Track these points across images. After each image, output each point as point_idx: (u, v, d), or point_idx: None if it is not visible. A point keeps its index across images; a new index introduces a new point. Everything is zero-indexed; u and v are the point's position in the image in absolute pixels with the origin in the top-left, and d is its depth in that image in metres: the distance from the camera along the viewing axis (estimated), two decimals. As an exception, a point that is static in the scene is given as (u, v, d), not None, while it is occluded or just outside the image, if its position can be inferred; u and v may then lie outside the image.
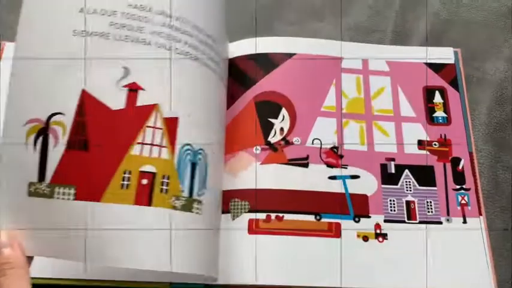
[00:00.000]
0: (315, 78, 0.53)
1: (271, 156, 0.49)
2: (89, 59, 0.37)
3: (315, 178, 0.48)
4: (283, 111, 0.51)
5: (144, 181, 0.37)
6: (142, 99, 0.38)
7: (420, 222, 0.47)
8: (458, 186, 0.49)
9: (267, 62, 0.53)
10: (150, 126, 0.38)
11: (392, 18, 0.60)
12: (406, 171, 0.50)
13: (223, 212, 0.47)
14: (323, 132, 0.50)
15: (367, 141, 0.51)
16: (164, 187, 0.37)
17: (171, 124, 0.39)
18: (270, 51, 0.54)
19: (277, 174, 0.48)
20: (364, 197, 0.48)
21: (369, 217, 0.47)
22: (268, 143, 0.50)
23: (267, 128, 0.50)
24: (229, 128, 0.51)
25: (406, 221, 0.48)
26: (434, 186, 0.49)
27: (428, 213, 0.48)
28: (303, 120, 0.51)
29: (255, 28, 0.58)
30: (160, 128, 0.38)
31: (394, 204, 0.48)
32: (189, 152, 0.39)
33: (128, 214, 0.36)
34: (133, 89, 0.38)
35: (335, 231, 0.47)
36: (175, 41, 0.40)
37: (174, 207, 0.37)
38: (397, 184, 0.49)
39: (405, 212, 0.48)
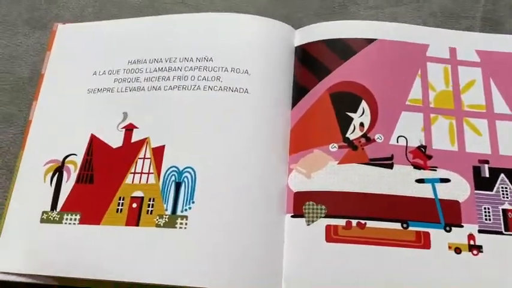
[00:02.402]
0: (399, 68, 0.47)
1: (350, 155, 0.44)
2: (98, 109, 0.48)
3: (401, 181, 0.43)
4: (363, 104, 0.46)
5: (134, 205, 0.43)
6: (136, 136, 0.46)
7: (519, 234, 0.42)
8: (562, 194, 0.43)
9: (343, 49, 0.48)
10: (141, 158, 0.45)
11: (481, 3, 0.54)
12: (502, 175, 0.44)
13: (295, 216, 0.42)
14: (409, 128, 0.45)
15: (458, 140, 0.45)
16: (150, 208, 0.43)
17: (158, 152, 0.45)
18: (347, 37, 0.48)
19: (358, 176, 0.43)
20: (456, 204, 0.43)
21: (461, 226, 0.42)
22: (347, 140, 0.45)
23: (345, 123, 0.45)
24: (301, 123, 0.46)
25: (504, 232, 0.42)
26: (535, 193, 0.43)
27: (529, 224, 0.42)
28: (385, 114, 0.45)
29: (329, 11, 0.53)
30: (149, 158, 0.45)
31: (489, 212, 0.43)
32: (174, 173, 0.44)
33: (120, 234, 0.42)
34: (129, 129, 0.46)
35: (424, 242, 0.41)
36: (164, 80, 0.48)
37: (158, 225, 0.42)
38: (491, 190, 0.43)
39: (502, 222, 0.42)
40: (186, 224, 0.42)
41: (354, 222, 0.42)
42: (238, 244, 0.41)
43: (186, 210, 0.42)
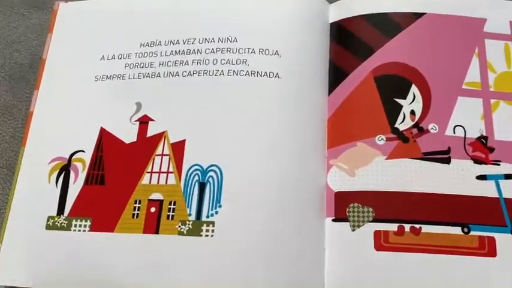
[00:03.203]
0: (452, 46, 0.41)
1: (400, 148, 0.38)
2: (108, 99, 0.42)
3: (460, 178, 0.38)
4: (414, 89, 0.40)
5: (153, 209, 0.38)
6: (152, 130, 0.41)
7: None
8: None
9: (388, 25, 0.42)
10: (158, 155, 0.40)
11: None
12: None
13: (337, 220, 0.37)
14: (467, 117, 0.39)
15: (523, 129, 0.39)
16: (171, 213, 0.38)
17: (178, 148, 0.39)
18: (391, 11, 0.42)
19: (410, 173, 0.38)
20: (524, 203, 0.37)
21: (531, 230, 0.36)
22: (396, 131, 0.39)
23: (393, 111, 0.40)
24: (340, 111, 0.40)
25: None
26: None
27: None
28: (439, 101, 0.40)
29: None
30: (167, 155, 0.40)
31: (562, 213, 0.37)
32: (197, 172, 0.39)
33: (137, 243, 0.37)
34: (144, 122, 0.41)
35: (488, 249, 0.36)
36: (182, 65, 0.42)
37: (180, 233, 0.37)
38: None
39: None
40: (212, 231, 0.37)
41: (407, 227, 0.36)
42: (272, 254, 0.36)
43: (212, 215, 0.37)
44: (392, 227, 0.36)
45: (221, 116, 0.39)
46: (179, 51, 0.42)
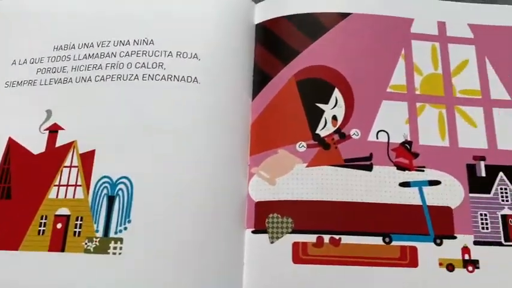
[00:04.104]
0: (378, 47, 0.40)
1: (321, 155, 0.37)
2: (18, 107, 0.39)
3: (382, 185, 0.36)
4: (336, 93, 0.38)
5: (59, 225, 0.36)
6: (62, 139, 0.38)
7: (522, 245, 0.36)
8: None
9: (312, 26, 0.40)
10: (66, 166, 0.38)
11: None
12: (501, 174, 0.37)
13: (256, 232, 0.35)
14: (391, 121, 0.38)
15: (449, 133, 0.38)
16: (77, 229, 0.36)
17: (87, 159, 0.37)
18: (316, 11, 0.40)
19: (330, 181, 0.36)
20: (447, 211, 0.36)
21: (454, 238, 0.35)
22: (317, 137, 0.37)
23: (315, 116, 0.38)
24: (263, 117, 0.38)
25: (504, 242, 0.36)
26: (540, 194, 0.37)
27: (533, 232, 0.36)
28: (363, 105, 0.38)
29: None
30: (76, 166, 0.37)
31: (486, 220, 0.36)
32: (106, 185, 0.36)
33: (42, 262, 0.35)
34: (53, 131, 0.39)
35: (410, 259, 0.35)
36: (95, 69, 0.40)
37: (87, 251, 0.35)
38: (489, 192, 0.37)
39: (501, 231, 0.36)
40: (120, 248, 0.34)
41: (326, 238, 0.35)
42: (186, 272, 0.34)
43: (120, 231, 0.35)
44: (312, 238, 0.35)
45: (134, 124, 0.37)
46: (93, 54, 0.40)
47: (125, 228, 0.35)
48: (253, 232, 0.36)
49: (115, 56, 0.39)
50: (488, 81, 0.40)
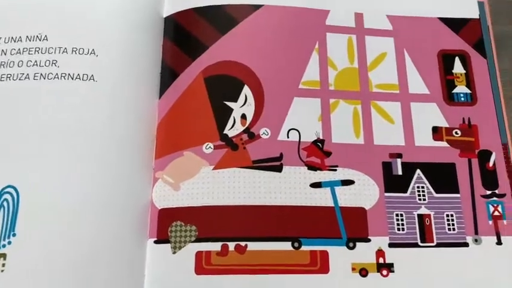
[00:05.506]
0: (290, 41, 0.38)
1: (228, 156, 0.35)
2: None
3: (291, 187, 0.35)
4: (246, 91, 0.36)
5: None
6: None
7: (438, 245, 0.35)
8: (488, 192, 0.36)
9: (222, 18, 0.38)
10: None
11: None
12: (418, 171, 0.36)
13: (159, 242, 0.33)
14: (303, 119, 0.37)
15: (364, 130, 0.36)
16: None
17: None
18: (225, 3, 0.38)
19: (237, 183, 0.34)
20: (361, 212, 0.35)
21: (368, 241, 0.34)
22: (225, 138, 0.35)
23: (223, 115, 0.36)
24: (169, 116, 0.36)
25: (420, 243, 0.34)
26: (457, 192, 0.36)
27: (449, 232, 0.35)
28: (273, 102, 0.37)
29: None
30: None
31: (402, 220, 0.35)
32: None
33: None
34: None
35: (321, 264, 0.33)
36: None
37: None
38: (405, 191, 0.36)
39: (418, 232, 0.35)
40: (3, 265, 0.31)
41: (232, 245, 0.33)
42: (81, 285, 0.31)
43: (4, 246, 0.32)
44: (216, 246, 0.33)
45: (23, 129, 0.34)
46: None
47: (9, 243, 0.32)
48: (155, 242, 0.33)
49: (5, 54, 0.36)
50: (406, 75, 0.39)
